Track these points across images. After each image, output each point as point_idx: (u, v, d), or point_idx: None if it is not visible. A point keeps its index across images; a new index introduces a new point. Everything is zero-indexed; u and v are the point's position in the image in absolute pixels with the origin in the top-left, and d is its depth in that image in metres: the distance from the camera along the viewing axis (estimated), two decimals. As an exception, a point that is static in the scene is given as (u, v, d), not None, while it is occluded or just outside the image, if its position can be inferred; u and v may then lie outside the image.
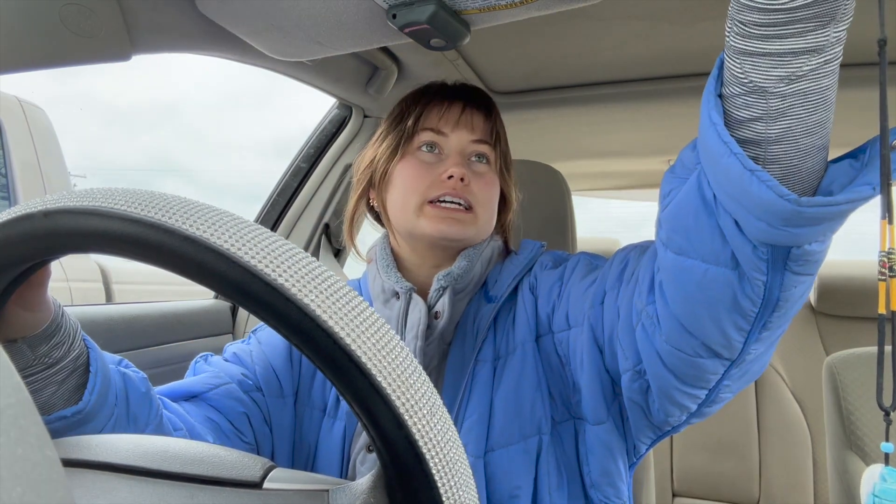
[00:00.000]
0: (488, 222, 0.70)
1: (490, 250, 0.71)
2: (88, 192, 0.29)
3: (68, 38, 0.61)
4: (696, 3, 0.86)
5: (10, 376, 0.16)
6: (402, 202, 0.67)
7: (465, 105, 0.70)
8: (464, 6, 0.62)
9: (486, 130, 0.71)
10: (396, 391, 0.26)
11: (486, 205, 0.69)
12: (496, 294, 0.68)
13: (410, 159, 0.68)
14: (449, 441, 0.27)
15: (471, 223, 0.66)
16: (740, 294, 0.42)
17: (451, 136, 0.69)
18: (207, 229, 0.26)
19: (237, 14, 0.71)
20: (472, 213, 0.67)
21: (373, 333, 0.26)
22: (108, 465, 0.31)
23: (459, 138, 0.69)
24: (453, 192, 0.65)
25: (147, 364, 1.03)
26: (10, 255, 0.30)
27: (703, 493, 1.83)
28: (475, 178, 0.67)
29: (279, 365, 0.69)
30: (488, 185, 0.69)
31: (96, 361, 0.48)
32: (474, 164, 0.70)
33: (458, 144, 0.69)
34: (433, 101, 0.70)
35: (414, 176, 0.67)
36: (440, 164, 0.68)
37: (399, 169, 0.68)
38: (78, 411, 0.45)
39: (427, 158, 0.68)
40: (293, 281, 0.26)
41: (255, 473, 0.31)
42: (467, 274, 0.67)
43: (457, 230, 0.65)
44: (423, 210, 0.66)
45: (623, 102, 1.22)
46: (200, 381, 0.63)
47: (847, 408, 1.01)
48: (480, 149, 0.70)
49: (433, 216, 0.65)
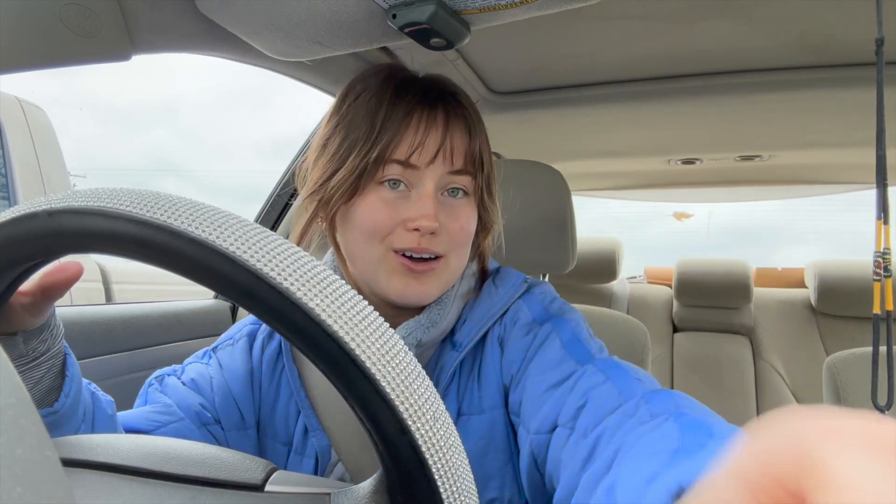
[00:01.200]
0: (460, 266, 0.60)
1: (465, 286, 0.63)
2: (93, 192, 0.28)
3: (68, 38, 0.61)
4: (696, 3, 0.86)
5: (10, 376, 0.16)
6: (362, 248, 0.56)
7: (446, 129, 0.56)
8: (464, 6, 0.62)
9: (468, 157, 0.57)
10: (400, 396, 0.26)
11: (459, 249, 0.58)
12: (461, 341, 0.59)
13: (371, 196, 0.55)
14: (452, 447, 0.27)
15: (439, 276, 0.57)
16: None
17: (425, 171, 0.55)
18: (213, 232, 0.26)
19: (237, 14, 0.71)
20: (441, 261, 0.56)
21: (377, 338, 0.26)
22: (109, 465, 0.31)
23: (434, 174, 0.55)
24: (418, 247, 0.54)
25: (147, 364, 1.03)
26: (14, 254, 0.30)
27: (703, 493, 1.83)
28: (449, 221, 0.56)
29: (239, 392, 0.62)
30: (464, 228, 0.57)
31: (73, 366, 0.47)
32: (448, 199, 0.57)
33: (431, 182, 0.55)
34: (409, 123, 0.55)
35: (377, 220, 0.55)
36: (405, 205, 0.55)
37: (358, 206, 0.56)
38: (52, 412, 0.44)
39: (390, 197, 0.55)
40: (298, 285, 0.26)
41: (257, 476, 0.31)
42: (434, 328, 0.58)
43: (421, 293, 0.56)
44: (386, 259, 0.55)
45: (623, 102, 1.22)
46: (146, 418, 0.56)
47: (847, 408, 1.01)
48: (459, 182, 0.57)
49: (396, 271, 0.55)
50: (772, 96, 1.14)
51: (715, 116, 1.29)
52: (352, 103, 0.59)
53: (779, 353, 1.85)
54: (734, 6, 0.86)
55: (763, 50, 1.01)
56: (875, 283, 0.63)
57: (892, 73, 1.00)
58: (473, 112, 0.61)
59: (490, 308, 0.61)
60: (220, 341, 0.69)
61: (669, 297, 2.06)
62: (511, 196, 1.01)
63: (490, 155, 0.62)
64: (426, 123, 0.55)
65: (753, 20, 0.91)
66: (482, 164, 0.59)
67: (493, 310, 0.60)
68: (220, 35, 0.77)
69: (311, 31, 0.71)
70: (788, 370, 1.83)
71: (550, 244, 0.97)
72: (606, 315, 1.06)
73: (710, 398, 1.86)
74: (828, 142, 1.42)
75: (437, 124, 0.56)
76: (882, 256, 0.62)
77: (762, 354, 1.87)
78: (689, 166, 1.72)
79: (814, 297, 1.84)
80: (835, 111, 1.20)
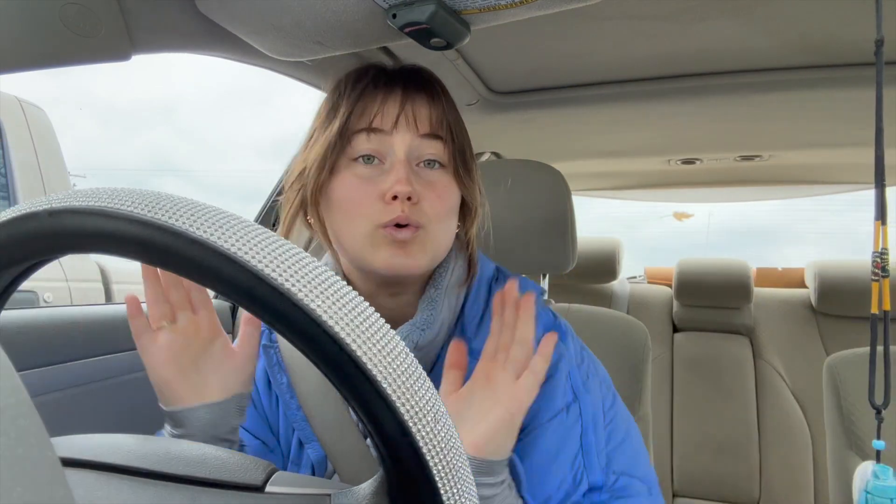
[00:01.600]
0: (444, 244, 0.59)
1: (455, 277, 0.62)
2: (94, 192, 0.28)
3: (68, 38, 0.61)
4: (696, 3, 0.86)
5: (10, 376, 0.16)
6: (349, 229, 0.56)
7: (405, 96, 0.57)
8: (464, 6, 0.62)
9: (434, 121, 0.58)
10: (401, 398, 0.26)
11: (441, 222, 0.57)
12: (478, 349, 0.57)
13: (346, 174, 0.56)
14: (453, 448, 0.27)
15: (423, 246, 0.56)
16: None
17: (393, 139, 0.56)
18: (214, 232, 0.26)
19: (237, 14, 0.71)
20: (423, 231, 0.56)
21: (378, 339, 0.26)
22: (110, 465, 0.31)
23: (402, 140, 0.56)
24: (402, 216, 0.54)
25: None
26: (14, 253, 0.30)
27: (703, 493, 1.83)
28: (426, 191, 0.56)
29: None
30: (442, 199, 0.57)
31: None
32: (424, 171, 0.58)
33: (401, 148, 0.56)
34: (364, 93, 0.57)
35: (356, 198, 0.55)
36: (382, 178, 0.55)
37: (335, 187, 0.57)
38: None
39: (365, 173, 0.56)
40: (300, 286, 0.26)
41: (258, 477, 0.31)
42: (429, 329, 0.58)
43: (407, 265, 0.55)
44: (375, 237, 0.55)
45: (623, 102, 1.22)
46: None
47: (847, 408, 1.01)
48: (430, 150, 0.57)
49: (382, 243, 0.55)
50: (772, 96, 1.14)
51: (715, 116, 1.29)
52: (322, 104, 0.62)
53: (779, 353, 1.85)
54: (734, 6, 0.86)
55: (763, 50, 1.01)
56: (873, 283, 0.63)
57: (891, 73, 1.00)
58: (437, 84, 0.62)
59: None
60: None
61: (669, 297, 2.06)
62: (511, 196, 1.01)
63: (463, 128, 0.62)
64: (384, 93, 0.57)
65: (753, 20, 0.90)
66: (452, 133, 0.59)
67: None
68: (220, 35, 0.77)
69: (311, 31, 0.71)
70: (788, 370, 1.83)
71: (550, 244, 0.97)
72: (606, 315, 1.06)
73: (710, 398, 1.87)
74: (828, 142, 1.42)
75: (396, 92, 0.58)
76: (880, 256, 0.62)
77: (762, 354, 1.87)
78: (689, 166, 1.72)
79: (814, 297, 1.84)
80: (835, 111, 1.20)
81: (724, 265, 1.95)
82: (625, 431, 0.62)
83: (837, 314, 1.82)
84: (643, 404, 0.99)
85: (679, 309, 2.00)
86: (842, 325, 1.81)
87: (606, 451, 0.59)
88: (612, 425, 0.61)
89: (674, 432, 1.88)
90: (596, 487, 0.56)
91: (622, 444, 0.61)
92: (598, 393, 0.61)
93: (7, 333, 0.80)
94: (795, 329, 1.86)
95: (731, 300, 1.91)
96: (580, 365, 0.62)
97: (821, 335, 1.83)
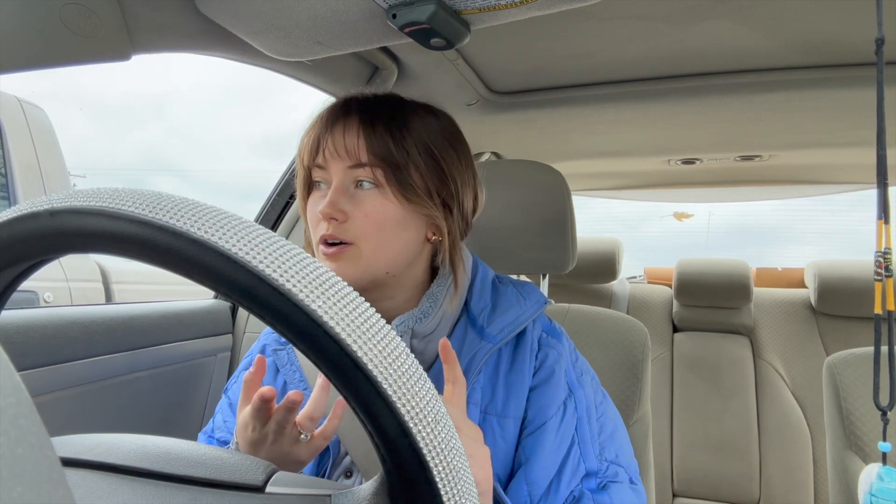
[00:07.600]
0: (378, 255, 0.62)
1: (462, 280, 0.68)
2: (95, 192, 0.28)
3: (68, 38, 0.61)
4: (696, 3, 0.86)
5: (10, 376, 0.16)
6: (313, 243, 0.65)
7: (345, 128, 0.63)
8: (464, 6, 0.62)
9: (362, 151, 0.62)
10: (402, 398, 0.26)
11: (370, 236, 0.62)
12: (493, 333, 0.65)
13: (312, 196, 0.66)
14: (453, 449, 0.27)
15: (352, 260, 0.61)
16: None
17: (330, 168, 0.63)
18: (216, 233, 0.26)
19: (237, 14, 0.71)
20: (352, 248, 0.61)
21: (379, 340, 0.26)
22: (110, 465, 0.31)
23: (337, 170, 0.63)
24: (328, 234, 0.61)
25: (147, 364, 1.03)
26: (14, 253, 0.30)
27: (703, 493, 1.83)
28: (355, 208, 0.61)
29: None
30: (369, 217, 0.61)
31: None
32: (358, 192, 0.63)
33: (336, 176, 0.63)
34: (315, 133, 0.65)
35: (310, 216, 0.65)
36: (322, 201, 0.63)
37: (307, 206, 0.67)
38: None
39: (317, 196, 0.65)
40: (301, 286, 0.26)
41: (258, 477, 0.31)
42: (426, 319, 0.65)
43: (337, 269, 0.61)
44: (318, 251, 0.63)
45: (623, 102, 1.22)
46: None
47: (847, 408, 1.01)
48: (361, 174, 0.62)
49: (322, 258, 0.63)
50: (772, 96, 1.14)
51: (715, 116, 1.29)
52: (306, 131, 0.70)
53: (779, 353, 1.85)
54: (734, 6, 0.86)
55: (763, 50, 1.01)
56: (876, 282, 0.63)
57: (892, 73, 1.00)
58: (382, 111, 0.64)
59: (521, 310, 0.67)
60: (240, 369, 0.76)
61: (669, 297, 2.06)
62: (511, 196, 1.01)
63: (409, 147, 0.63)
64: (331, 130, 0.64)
65: (753, 20, 0.91)
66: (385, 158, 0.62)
67: (523, 316, 0.67)
68: (220, 35, 0.77)
69: (311, 31, 0.72)
70: (788, 370, 1.83)
71: (550, 244, 0.98)
72: (606, 315, 1.06)
73: (710, 398, 1.87)
74: (828, 142, 1.42)
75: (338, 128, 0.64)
76: (883, 256, 0.62)
77: (762, 354, 1.87)
78: (689, 166, 1.72)
79: (814, 298, 1.84)
80: (835, 111, 1.20)
81: (723, 265, 1.95)
82: (613, 426, 0.68)
83: (837, 314, 1.82)
84: (643, 404, 0.99)
85: (679, 309, 2.00)
86: (842, 325, 1.81)
87: (599, 440, 0.65)
88: (603, 418, 0.67)
89: (674, 432, 1.88)
90: (591, 473, 0.62)
91: (612, 436, 0.67)
92: (590, 388, 0.68)
93: (7, 333, 0.80)
94: (795, 329, 1.86)
95: (730, 300, 1.91)
96: (574, 363, 0.69)
97: (820, 335, 1.83)
